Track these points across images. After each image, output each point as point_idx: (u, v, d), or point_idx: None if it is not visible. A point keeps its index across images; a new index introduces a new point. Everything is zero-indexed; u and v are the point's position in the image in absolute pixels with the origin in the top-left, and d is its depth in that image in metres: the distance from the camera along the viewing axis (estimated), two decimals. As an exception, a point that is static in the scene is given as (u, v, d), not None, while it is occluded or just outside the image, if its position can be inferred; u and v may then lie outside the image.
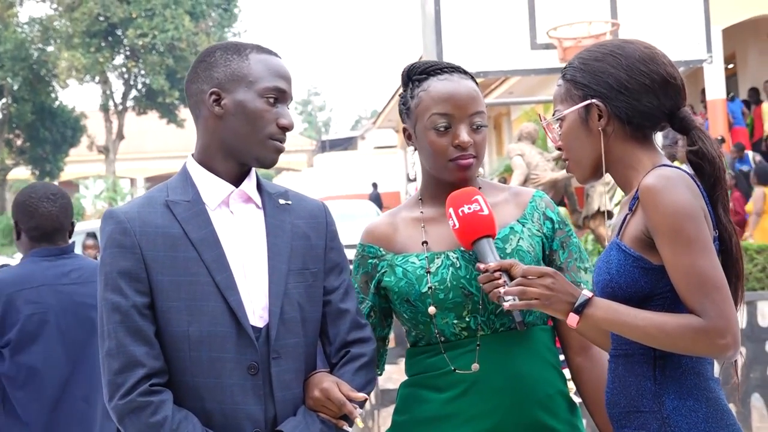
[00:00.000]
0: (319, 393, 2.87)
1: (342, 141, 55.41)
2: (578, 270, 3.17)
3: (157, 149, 56.10)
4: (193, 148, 3.05)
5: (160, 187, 3.00)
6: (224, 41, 3.04)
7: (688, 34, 9.88)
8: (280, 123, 2.91)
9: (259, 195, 3.01)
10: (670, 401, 2.69)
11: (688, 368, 2.70)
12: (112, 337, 2.80)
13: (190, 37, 41.14)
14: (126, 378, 2.76)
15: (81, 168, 50.15)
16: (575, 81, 2.84)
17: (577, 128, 2.84)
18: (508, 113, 27.57)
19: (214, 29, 43.55)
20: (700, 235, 2.60)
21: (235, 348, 2.82)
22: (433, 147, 3.10)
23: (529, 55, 10.37)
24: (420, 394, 3.11)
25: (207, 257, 2.85)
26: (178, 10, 40.88)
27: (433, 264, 3.09)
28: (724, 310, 2.57)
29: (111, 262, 2.84)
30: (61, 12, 41.95)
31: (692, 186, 2.66)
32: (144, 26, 40.66)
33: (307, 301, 2.95)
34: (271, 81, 2.91)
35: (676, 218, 2.60)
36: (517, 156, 11.92)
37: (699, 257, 2.59)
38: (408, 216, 3.22)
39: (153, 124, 51.24)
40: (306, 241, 2.98)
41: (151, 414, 2.74)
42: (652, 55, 2.79)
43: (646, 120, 2.79)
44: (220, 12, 44.12)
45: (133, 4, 40.58)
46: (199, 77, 2.95)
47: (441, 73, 3.16)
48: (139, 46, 41.46)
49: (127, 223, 2.85)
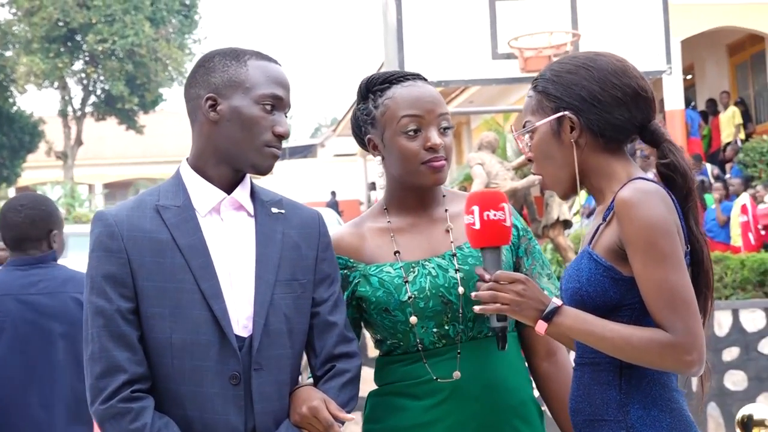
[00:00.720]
0: (307, 410, 2.84)
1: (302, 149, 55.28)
2: (540, 276, 3.20)
3: (116, 155, 55.78)
4: (151, 154, 3.03)
5: (151, 190, 2.98)
6: (225, 47, 3.01)
7: (648, 46, 9.95)
8: (276, 130, 2.89)
9: (253, 203, 2.98)
10: (635, 411, 2.70)
11: (653, 379, 2.72)
12: (96, 341, 2.78)
13: (150, 43, 40.95)
14: (108, 383, 2.75)
15: (39, 174, 49.77)
16: (547, 93, 2.84)
17: (549, 140, 2.84)
18: (468, 122, 27.63)
19: (175, 35, 43.37)
20: (672, 251, 2.62)
21: (218, 357, 2.80)
22: (404, 151, 3.11)
23: (490, 65, 10.40)
24: (396, 402, 3.11)
25: (194, 264, 2.82)
26: (138, 16, 40.68)
27: (410, 273, 3.09)
28: (692, 326, 2.60)
29: (97, 265, 2.82)
30: (20, 17, 41.64)
31: (667, 200, 2.68)
32: (104, 32, 40.43)
33: (295, 313, 2.92)
34: (268, 88, 2.89)
35: (650, 233, 2.61)
36: (477, 165, 11.94)
37: (670, 272, 2.60)
38: (374, 226, 3.22)
39: (112, 130, 50.90)
40: (296, 252, 2.95)
41: (131, 420, 2.72)
42: (624, 68, 2.80)
43: (618, 132, 2.80)
44: (180, 18, 43.93)
45: (93, 10, 40.35)
46: (197, 82, 2.94)
47: (404, 80, 3.18)
48: (98, 51, 41.21)
49: (115, 227, 2.83)
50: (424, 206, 3.20)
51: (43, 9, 40.15)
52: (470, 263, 3.09)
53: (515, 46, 10.06)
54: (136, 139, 49.28)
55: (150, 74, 41.99)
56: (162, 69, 42.31)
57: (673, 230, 2.64)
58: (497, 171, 11.93)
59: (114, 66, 41.42)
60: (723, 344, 9.64)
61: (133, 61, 41.38)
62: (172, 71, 43.26)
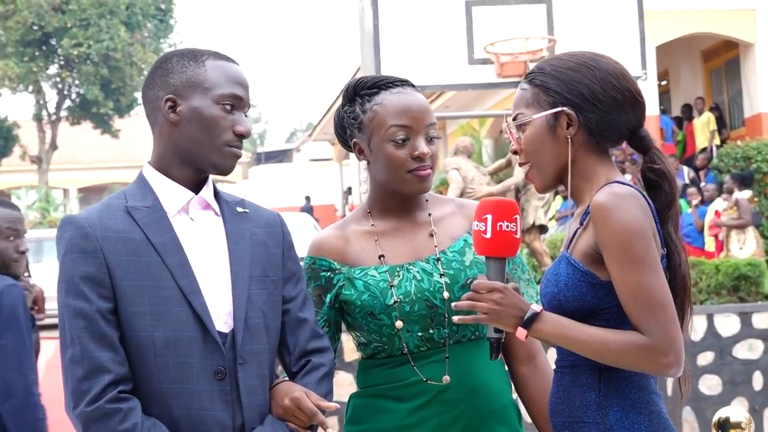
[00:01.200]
0: (290, 402, 2.86)
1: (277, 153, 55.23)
2: (521, 281, 3.21)
3: (91, 160, 55.57)
4: (126, 159, 3.03)
5: (117, 194, 2.97)
6: (182, 48, 3.00)
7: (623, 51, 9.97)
8: (236, 130, 2.89)
9: (217, 203, 2.99)
10: (614, 413, 2.72)
11: (632, 381, 2.74)
12: (76, 343, 2.75)
13: (125, 47, 40.85)
14: (91, 385, 2.72)
15: (13, 178, 49.57)
16: (546, 87, 2.84)
17: (543, 134, 2.84)
18: (444, 127, 27.65)
19: (150, 40, 43.29)
20: (648, 255, 2.64)
21: (201, 353, 2.80)
22: (391, 159, 3.12)
23: (466, 70, 10.41)
24: (379, 404, 3.12)
25: (170, 262, 2.82)
26: (113, 20, 40.58)
27: (395, 277, 3.11)
28: (668, 329, 2.62)
29: (72, 267, 2.79)
30: (-5, 20, 41.50)
31: (643, 204, 2.70)
32: (79, 36, 40.31)
33: (269, 309, 2.94)
34: (227, 88, 2.89)
35: (625, 237, 2.63)
36: (453, 170, 11.96)
37: (646, 276, 2.62)
38: (358, 229, 3.23)
39: (87, 135, 50.75)
40: (265, 249, 2.97)
41: (120, 421, 2.70)
42: (623, 72, 2.83)
43: (613, 134, 2.83)
44: (155, 23, 43.85)
45: (68, 14, 40.22)
46: (155, 84, 2.93)
47: (393, 86, 3.18)
48: (73, 55, 41.09)
49: (88, 228, 2.81)
50: (407, 210, 3.22)
51: (18, 13, 39.98)
52: (455, 267, 3.12)
53: (491, 51, 10.07)
54: (111, 143, 49.11)
55: (125, 78, 41.90)
56: (137, 73, 42.20)
57: (649, 234, 2.66)
58: (473, 176, 11.94)
59: (89, 70, 41.32)
60: (698, 349, 9.67)
61: (108, 66, 41.28)
62: (148, 76, 43.18)
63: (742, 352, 9.72)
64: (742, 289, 10.42)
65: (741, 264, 10.64)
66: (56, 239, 2.88)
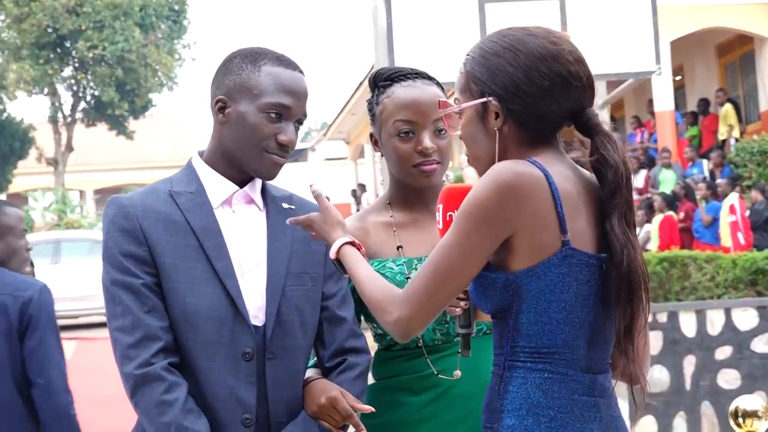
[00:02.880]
0: (326, 401, 2.89)
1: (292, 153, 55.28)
2: None
3: (107, 161, 55.72)
4: (141, 160, 3.07)
5: (164, 180, 3.03)
6: (248, 47, 3.02)
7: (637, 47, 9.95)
8: (279, 139, 2.91)
9: (263, 198, 3.03)
10: (509, 419, 2.51)
11: (535, 386, 2.50)
12: (127, 314, 2.81)
13: (139, 48, 40.96)
14: (141, 351, 2.78)
15: (30, 180, 49.72)
16: (474, 74, 2.59)
17: (474, 124, 2.62)
18: (458, 125, 27.68)
19: (164, 41, 43.37)
20: (472, 234, 2.45)
21: (231, 333, 2.84)
22: (396, 153, 3.13)
23: (480, 67, 10.36)
24: (394, 397, 3.13)
25: (208, 245, 2.87)
26: (127, 22, 40.68)
27: (412, 270, 3.10)
28: (422, 293, 2.49)
29: (115, 245, 2.86)
30: (10, 23, 41.60)
31: (515, 186, 2.45)
32: (93, 38, 40.41)
33: (306, 305, 2.96)
34: (274, 96, 2.90)
35: (466, 206, 2.46)
36: (468, 167, 11.97)
37: (454, 248, 2.47)
38: (378, 220, 3.24)
39: (102, 136, 50.85)
40: (306, 246, 2.99)
41: (164, 391, 2.75)
42: (556, 53, 2.54)
43: (543, 124, 2.57)
44: (169, 24, 43.91)
45: (83, 16, 40.32)
46: (216, 80, 2.98)
47: (405, 79, 3.18)
48: (88, 57, 41.20)
49: (129, 208, 2.88)
50: (426, 202, 3.21)
51: (33, 15, 40.11)
52: None
53: (505, 47, 10.06)
54: (126, 144, 49.21)
55: (140, 80, 41.99)
56: (152, 74, 42.32)
57: (489, 216, 2.44)
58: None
59: (104, 72, 41.43)
60: (716, 343, 9.66)
61: (123, 67, 41.38)
62: (162, 77, 43.29)
63: (760, 346, 9.71)
64: (760, 283, 10.40)
65: (758, 258, 10.61)
66: (102, 217, 2.95)
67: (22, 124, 43.95)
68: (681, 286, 10.12)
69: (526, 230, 2.46)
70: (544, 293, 2.48)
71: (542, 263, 2.47)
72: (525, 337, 2.51)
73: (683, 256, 10.33)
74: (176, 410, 2.74)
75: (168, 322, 2.83)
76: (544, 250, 2.47)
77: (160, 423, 2.75)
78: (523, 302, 2.50)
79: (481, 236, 2.45)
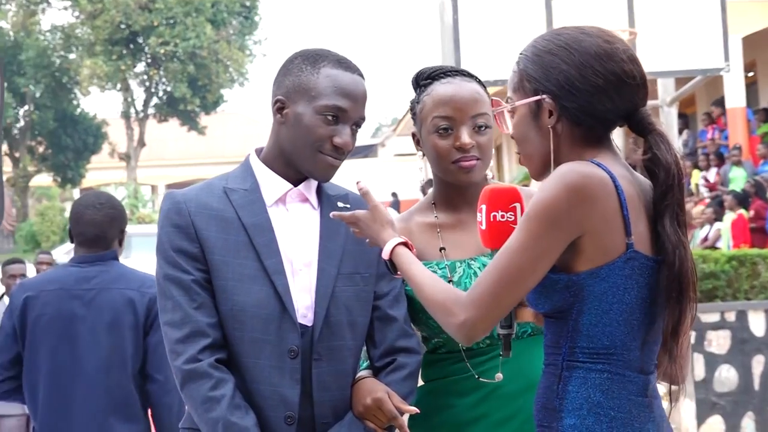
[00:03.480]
0: (372, 402, 2.89)
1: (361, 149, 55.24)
2: None
3: (178, 156, 56.15)
4: (213, 155, 3.10)
5: (221, 176, 3.06)
6: (308, 49, 3.04)
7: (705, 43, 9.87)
8: (334, 141, 2.91)
9: (319, 197, 3.04)
10: (570, 418, 2.52)
11: (595, 386, 2.51)
12: (176, 309, 2.85)
13: (211, 44, 41.27)
14: (187, 347, 2.83)
15: (102, 175, 50.25)
16: (527, 72, 2.60)
17: (528, 122, 2.62)
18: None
19: (235, 37, 43.66)
20: (540, 237, 2.44)
21: (277, 331, 2.86)
22: (435, 150, 3.11)
23: (546, 63, 10.31)
24: (442, 399, 3.12)
25: (258, 242, 2.89)
26: (199, 18, 41.01)
27: (455, 273, 3.09)
28: (490, 296, 2.46)
29: (167, 240, 2.90)
30: (83, 20, 42.16)
31: (582, 188, 2.45)
32: (165, 34, 40.79)
33: (357, 305, 2.96)
34: (331, 99, 2.91)
35: (534, 208, 2.45)
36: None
37: (520, 250, 2.45)
38: (422, 221, 3.22)
39: (174, 132, 51.29)
40: (360, 245, 2.97)
41: (211, 388, 2.79)
42: (611, 51, 2.53)
43: (597, 122, 2.57)
44: (240, 20, 44.21)
45: (155, 13, 40.73)
46: (277, 80, 3.00)
47: (444, 76, 3.16)
48: (160, 53, 41.61)
49: (182, 204, 2.91)
50: (469, 202, 3.14)
51: (106, 12, 40.61)
52: None
53: (571, 44, 10.03)
54: (197, 140, 49.65)
55: (211, 75, 42.33)
56: (223, 70, 42.64)
57: (558, 219, 2.44)
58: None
59: (175, 68, 41.82)
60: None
61: (195, 63, 41.73)
62: (233, 72, 43.60)
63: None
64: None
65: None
66: (159, 211, 3.00)
67: (95, 119, 44.58)
68: (750, 284, 10.00)
69: (593, 233, 2.46)
70: (606, 295, 2.48)
71: (607, 265, 2.47)
72: (585, 337, 2.51)
73: (752, 255, 10.20)
74: (223, 406, 2.78)
75: (217, 319, 2.86)
76: (609, 253, 2.47)
77: (207, 418, 2.80)
78: (585, 303, 2.49)
79: (550, 239, 2.44)
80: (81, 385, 4.51)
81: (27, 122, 43.74)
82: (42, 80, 42.29)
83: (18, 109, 43.24)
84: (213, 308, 2.86)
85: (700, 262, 9.78)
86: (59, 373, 4.51)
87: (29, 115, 43.66)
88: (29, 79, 41.94)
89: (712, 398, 9.31)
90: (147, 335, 4.55)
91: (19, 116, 43.60)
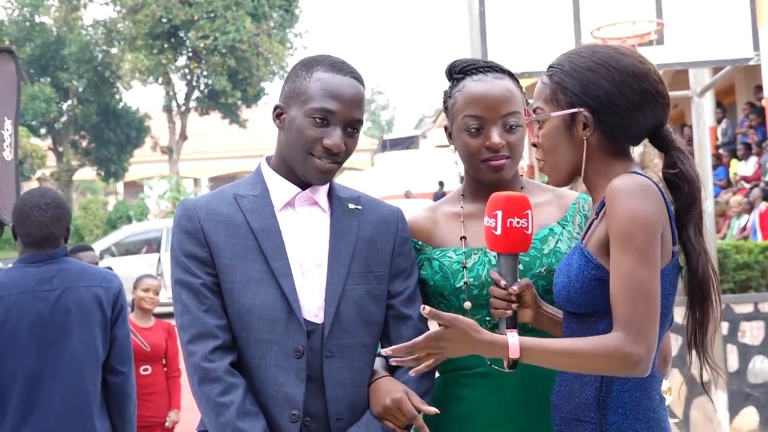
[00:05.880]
0: (391, 403, 2.93)
1: (403, 140, 55.26)
2: None
3: (220, 149, 56.46)
4: (254, 148, 3.15)
5: (233, 183, 3.14)
6: (310, 56, 3.10)
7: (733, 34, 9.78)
8: (324, 143, 2.96)
9: (329, 199, 3.09)
10: (613, 415, 2.67)
11: (635, 385, 2.68)
12: (186, 312, 2.93)
13: (251, 38, 41.37)
14: (197, 348, 2.90)
15: (145, 168, 50.61)
16: (563, 86, 2.76)
17: (560, 133, 2.78)
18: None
19: (276, 30, 43.72)
20: (649, 248, 2.56)
21: (283, 331, 2.91)
22: (466, 148, 3.13)
23: (574, 55, 10.26)
24: (452, 391, 3.15)
25: (266, 245, 2.96)
26: (239, 12, 41.12)
27: (470, 259, 3.12)
28: (646, 321, 2.54)
29: (179, 246, 3.00)
30: (125, 14, 42.38)
31: (657, 197, 2.62)
32: (206, 28, 40.94)
33: (369, 302, 3.01)
34: (320, 102, 2.96)
35: (631, 224, 2.56)
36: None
37: (641, 267, 2.54)
38: (449, 210, 3.27)
39: (215, 125, 51.58)
40: (371, 245, 3.05)
41: (221, 393, 2.86)
42: (645, 71, 2.73)
43: (630, 136, 2.76)
44: (281, 13, 44.26)
45: (195, 7, 40.88)
46: (281, 88, 3.08)
47: (476, 72, 3.16)
48: (201, 47, 41.77)
49: (193, 210, 3.01)
50: None
51: (147, 6, 40.81)
52: (531, 254, 3.09)
53: (598, 36, 9.95)
54: (239, 133, 49.84)
55: (252, 69, 42.43)
56: (264, 63, 42.73)
57: (655, 228, 2.58)
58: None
59: (216, 61, 41.95)
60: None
61: (235, 57, 41.86)
62: (274, 65, 43.67)
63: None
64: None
65: None
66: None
67: (138, 113, 44.87)
68: (785, 275, 9.92)
69: (661, 239, 2.63)
70: None
71: (661, 270, 2.62)
72: None
73: (787, 246, 10.12)
74: (232, 412, 2.83)
75: (226, 321, 2.92)
76: (664, 259, 2.64)
77: (217, 422, 2.85)
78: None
79: (655, 245, 2.58)
80: (57, 387, 4.53)
81: (70, 117, 44.09)
82: (84, 75, 42.61)
83: (61, 103, 43.66)
84: (222, 311, 2.93)
85: (733, 253, 9.72)
86: (32, 376, 4.52)
87: (72, 109, 44.02)
88: (72, 74, 42.26)
89: (745, 389, 9.26)
90: (113, 328, 4.58)
91: (62, 111, 43.97)
